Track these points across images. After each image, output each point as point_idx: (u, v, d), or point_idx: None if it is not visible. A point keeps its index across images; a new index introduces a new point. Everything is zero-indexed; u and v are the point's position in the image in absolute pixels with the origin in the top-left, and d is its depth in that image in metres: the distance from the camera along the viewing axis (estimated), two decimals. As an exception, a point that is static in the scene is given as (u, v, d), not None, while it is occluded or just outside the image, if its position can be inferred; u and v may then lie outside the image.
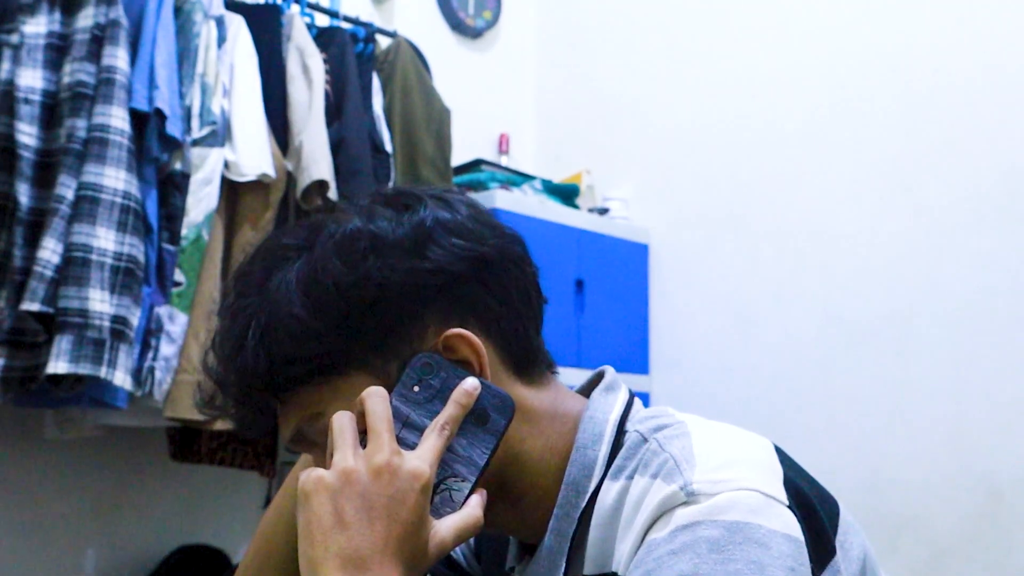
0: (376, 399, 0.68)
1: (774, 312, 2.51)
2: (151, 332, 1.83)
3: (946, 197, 2.24)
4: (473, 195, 2.47)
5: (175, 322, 1.86)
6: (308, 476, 0.66)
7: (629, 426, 0.75)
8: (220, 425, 1.89)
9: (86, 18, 1.78)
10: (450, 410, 0.69)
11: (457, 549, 0.93)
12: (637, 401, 0.79)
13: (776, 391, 2.47)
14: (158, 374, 1.82)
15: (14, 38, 1.74)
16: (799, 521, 0.63)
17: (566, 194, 2.74)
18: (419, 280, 0.71)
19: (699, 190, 2.73)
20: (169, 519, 2.27)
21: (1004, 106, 2.18)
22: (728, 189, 2.66)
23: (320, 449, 0.73)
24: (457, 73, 2.88)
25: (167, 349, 1.84)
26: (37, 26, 1.76)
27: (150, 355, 1.82)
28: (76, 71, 1.75)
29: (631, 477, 0.70)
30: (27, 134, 1.72)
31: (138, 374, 1.80)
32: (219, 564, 2.24)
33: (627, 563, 0.65)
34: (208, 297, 1.92)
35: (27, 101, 1.72)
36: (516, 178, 2.64)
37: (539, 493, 0.74)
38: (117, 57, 1.76)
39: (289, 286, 0.71)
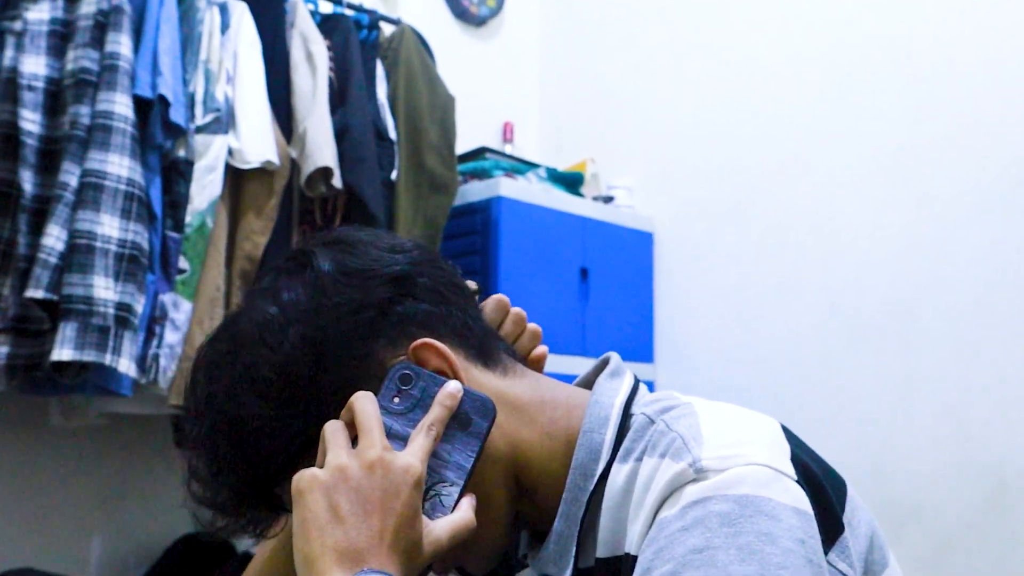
0: (364, 401, 0.69)
1: (778, 301, 2.51)
2: (155, 319, 1.82)
3: (950, 189, 2.23)
4: (477, 183, 2.47)
5: (179, 309, 1.86)
6: (302, 475, 0.66)
7: (635, 409, 0.75)
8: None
9: (89, 4, 1.77)
10: (435, 412, 0.70)
11: None
12: (642, 386, 0.79)
13: (780, 380, 2.46)
14: (162, 361, 1.82)
15: (17, 25, 1.73)
16: (808, 496, 0.63)
17: (570, 182, 2.73)
18: (348, 323, 0.72)
19: (704, 179, 2.73)
20: (174, 507, 2.27)
21: (1008, 98, 2.17)
22: (733, 178, 2.65)
23: None
24: (461, 61, 2.87)
25: (171, 336, 1.84)
26: (40, 12, 1.76)
27: (154, 342, 1.82)
28: (79, 58, 1.74)
29: (640, 459, 0.70)
30: (30, 121, 1.71)
31: (142, 361, 1.80)
32: (224, 553, 2.24)
33: (639, 543, 0.65)
34: (212, 284, 1.91)
35: (30, 88, 1.72)
36: (520, 166, 2.63)
37: (551, 480, 0.74)
38: (120, 44, 1.76)
39: (234, 393, 0.72)
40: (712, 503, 0.61)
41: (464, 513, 0.69)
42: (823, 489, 0.67)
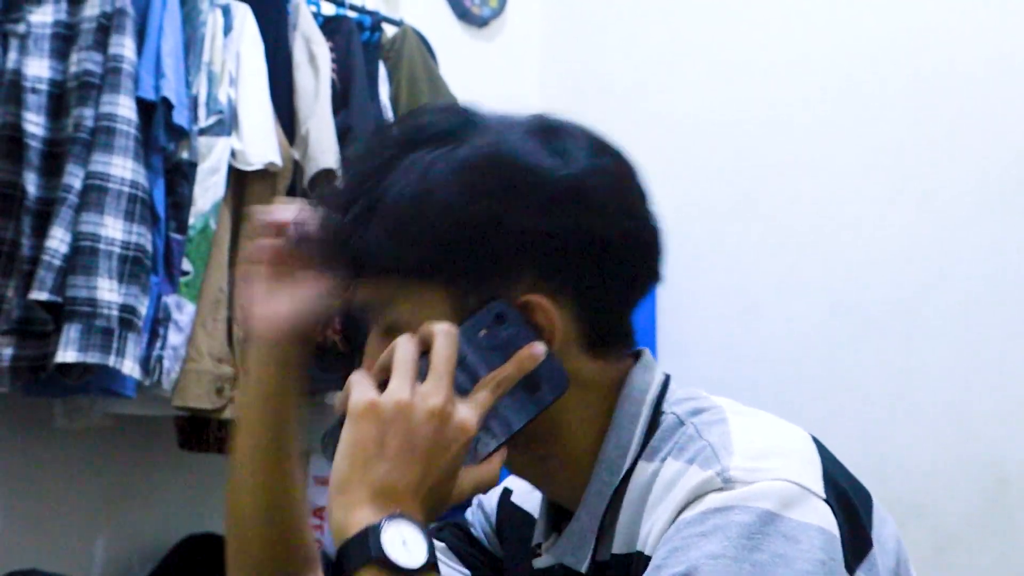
0: (447, 339, 0.68)
1: (781, 299, 2.51)
2: (159, 321, 1.83)
3: (952, 187, 2.23)
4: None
5: (183, 311, 1.86)
6: (363, 395, 0.66)
7: (665, 407, 0.75)
8: (229, 414, 1.90)
9: (92, 7, 1.78)
10: (509, 369, 0.69)
11: (479, 526, 0.94)
12: (673, 383, 0.79)
13: (783, 378, 2.46)
14: (166, 363, 1.82)
15: (20, 27, 1.73)
16: (835, 515, 0.63)
17: (572, 183, 2.73)
18: (546, 229, 0.70)
19: (705, 178, 2.73)
20: (178, 508, 2.28)
21: (1010, 96, 2.16)
22: (735, 177, 2.65)
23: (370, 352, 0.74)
24: (463, 62, 2.87)
25: (175, 338, 1.84)
26: (43, 15, 1.76)
27: (158, 344, 1.82)
28: (83, 60, 1.75)
29: (664, 459, 0.69)
30: (34, 123, 1.72)
31: (146, 363, 1.81)
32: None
33: (653, 543, 0.65)
34: (215, 286, 1.92)
35: (34, 90, 1.72)
36: (523, 167, 2.63)
37: (567, 458, 0.75)
38: (124, 46, 1.76)
39: (441, 170, 0.70)
40: (734, 513, 0.61)
41: (491, 469, 0.69)
42: (853, 507, 0.66)
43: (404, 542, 0.62)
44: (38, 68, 1.74)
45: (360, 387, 0.67)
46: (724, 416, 0.70)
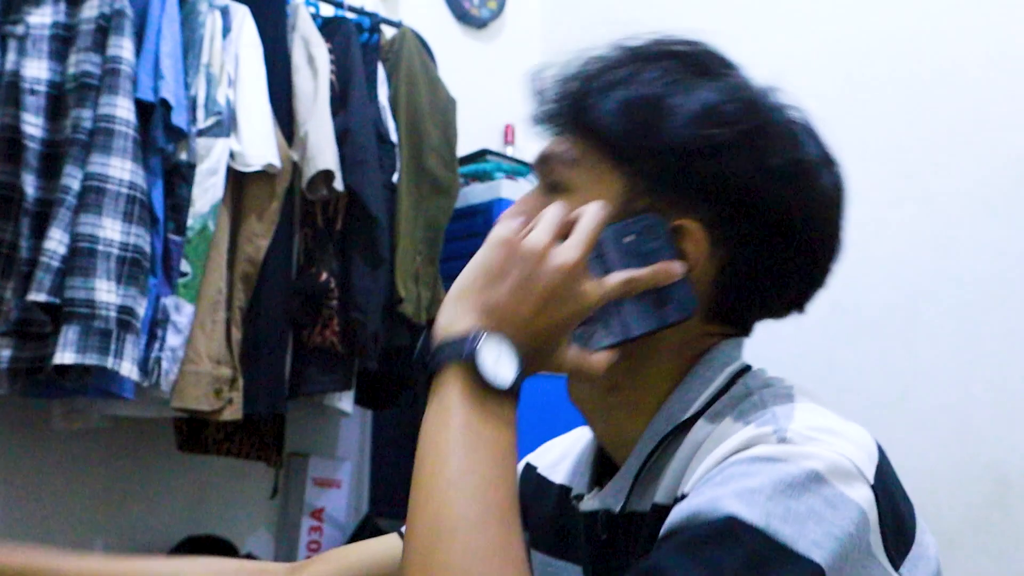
0: (598, 214, 0.71)
1: (781, 302, 2.50)
2: (157, 322, 1.83)
3: (952, 187, 2.23)
4: (479, 185, 2.47)
5: (181, 312, 1.86)
6: (505, 231, 0.69)
7: (740, 380, 0.76)
8: (227, 415, 1.89)
9: (91, 8, 1.78)
10: (646, 273, 0.71)
11: None
12: (759, 369, 0.80)
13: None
14: (164, 364, 1.82)
15: (19, 29, 1.74)
16: (878, 504, 0.62)
17: (572, 184, 2.73)
18: (753, 187, 0.73)
19: (705, 180, 2.72)
20: (176, 510, 2.28)
21: (1010, 95, 2.16)
22: (734, 178, 2.65)
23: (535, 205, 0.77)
24: (462, 63, 2.88)
25: (173, 339, 1.84)
26: (42, 16, 1.76)
27: (156, 345, 1.82)
28: (81, 62, 1.75)
29: (722, 419, 0.70)
30: (33, 125, 1.72)
31: (145, 364, 1.80)
32: (226, 554, 2.24)
33: (694, 483, 0.64)
34: (214, 287, 1.92)
35: (33, 92, 1.72)
36: (521, 168, 2.63)
37: (634, 399, 0.76)
38: (122, 47, 1.76)
39: (694, 88, 0.75)
40: (782, 465, 0.60)
41: (596, 361, 0.71)
42: (898, 504, 0.66)
43: (497, 359, 0.65)
44: (36, 69, 1.74)
45: (505, 224, 0.70)
46: (793, 395, 0.72)
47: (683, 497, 0.66)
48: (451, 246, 2.35)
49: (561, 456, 0.94)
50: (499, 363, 0.65)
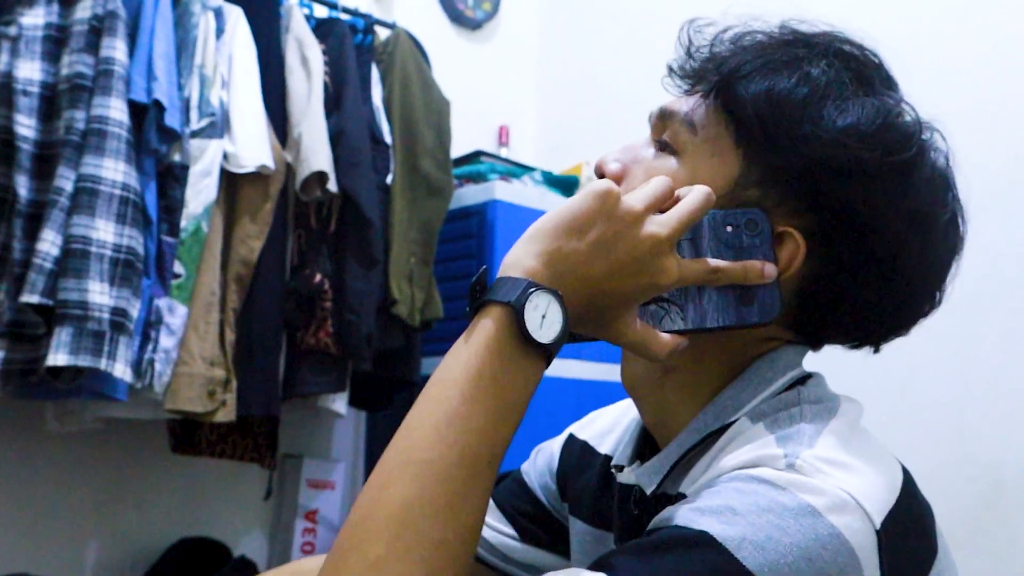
0: (706, 201, 0.68)
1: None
2: (151, 324, 1.82)
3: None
4: (473, 187, 2.47)
5: (175, 314, 1.86)
6: (607, 184, 0.66)
7: (797, 387, 0.74)
8: (221, 417, 1.89)
9: (84, 9, 1.77)
10: (737, 267, 0.69)
11: (535, 477, 0.96)
12: (820, 379, 0.78)
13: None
14: (158, 366, 1.82)
15: (12, 30, 1.73)
16: (879, 546, 0.59)
17: (566, 186, 2.73)
18: (876, 214, 0.70)
19: (699, 181, 2.73)
20: (170, 511, 2.28)
21: (1007, 95, 2.17)
22: (728, 180, 2.65)
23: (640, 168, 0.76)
24: (457, 65, 2.88)
25: (167, 341, 1.84)
26: (35, 17, 1.76)
27: (150, 347, 1.82)
28: (74, 63, 1.74)
29: (758, 423, 0.69)
30: (26, 126, 1.71)
31: (138, 366, 1.80)
32: (220, 556, 2.24)
33: (698, 488, 0.64)
34: (207, 289, 1.91)
35: (25, 93, 1.72)
36: (516, 170, 2.63)
37: (690, 387, 0.75)
38: (115, 48, 1.76)
39: (850, 94, 0.74)
40: (780, 492, 0.59)
41: (662, 343, 0.68)
42: (920, 546, 0.65)
43: (544, 315, 0.63)
44: (29, 70, 1.73)
45: (609, 181, 0.67)
46: (835, 416, 0.69)
47: (683, 496, 0.66)
48: (445, 247, 2.35)
49: (610, 426, 0.93)
50: (545, 321, 0.63)
